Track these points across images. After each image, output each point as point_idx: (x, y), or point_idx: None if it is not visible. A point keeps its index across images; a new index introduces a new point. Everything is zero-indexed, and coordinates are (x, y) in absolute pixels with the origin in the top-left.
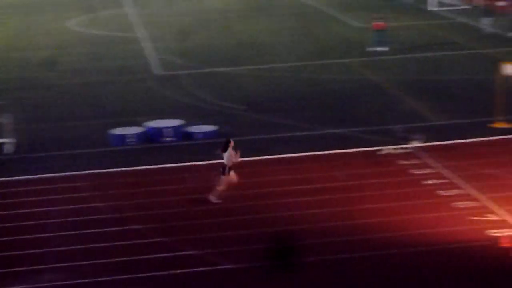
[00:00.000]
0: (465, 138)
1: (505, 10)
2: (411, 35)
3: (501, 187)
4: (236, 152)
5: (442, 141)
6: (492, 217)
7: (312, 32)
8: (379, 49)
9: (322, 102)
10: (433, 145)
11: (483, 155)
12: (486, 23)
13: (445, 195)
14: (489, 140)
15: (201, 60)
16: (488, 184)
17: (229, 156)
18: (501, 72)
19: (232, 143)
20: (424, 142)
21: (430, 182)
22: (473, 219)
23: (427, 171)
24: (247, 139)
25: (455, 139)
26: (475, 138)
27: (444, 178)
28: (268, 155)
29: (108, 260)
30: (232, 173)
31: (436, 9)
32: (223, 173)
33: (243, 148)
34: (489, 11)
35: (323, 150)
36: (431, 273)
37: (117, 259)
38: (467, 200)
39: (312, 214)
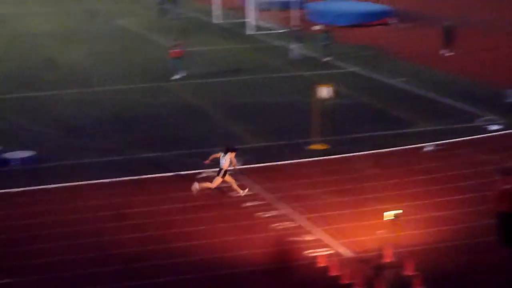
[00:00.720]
0: (283, 160)
1: (319, 33)
2: (227, 58)
3: (317, 207)
4: (232, 160)
5: (261, 163)
6: (308, 237)
7: (133, 56)
8: (177, 76)
9: (141, 125)
10: (252, 167)
11: (300, 176)
12: (297, 47)
13: (264, 217)
14: (306, 162)
15: (17, 84)
16: (304, 205)
17: (224, 162)
18: (316, 95)
19: (234, 152)
20: (243, 164)
21: (248, 204)
22: (290, 240)
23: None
24: (65, 164)
25: (273, 161)
26: (293, 160)
27: (263, 199)
28: (86, 180)
29: None
30: (218, 178)
31: (253, 33)
32: (220, 175)
33: (62, 174)
34: (300, 36)
35: (142, 174)
36: None
37: None
38: (285, 221)
39: (125, 239)
